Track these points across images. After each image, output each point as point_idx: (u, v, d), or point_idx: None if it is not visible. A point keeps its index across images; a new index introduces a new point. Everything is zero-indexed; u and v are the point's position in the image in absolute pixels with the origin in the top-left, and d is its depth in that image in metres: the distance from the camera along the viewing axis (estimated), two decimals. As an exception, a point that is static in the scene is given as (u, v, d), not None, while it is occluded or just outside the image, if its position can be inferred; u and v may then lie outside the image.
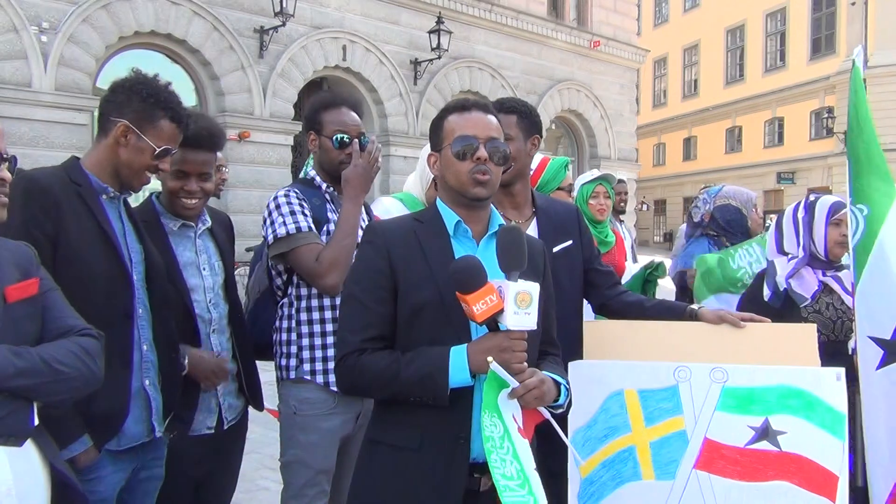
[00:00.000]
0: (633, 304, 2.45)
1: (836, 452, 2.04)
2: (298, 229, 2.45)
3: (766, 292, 2.86)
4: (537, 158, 3.84)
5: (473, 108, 1.92)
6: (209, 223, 2.52)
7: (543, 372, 1.80)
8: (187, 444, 2.33)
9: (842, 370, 2.11)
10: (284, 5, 12.14)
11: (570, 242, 2.49)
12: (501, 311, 1.65)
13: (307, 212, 2.52)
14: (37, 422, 1.58)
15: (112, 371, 2.00)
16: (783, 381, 2.09)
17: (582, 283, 2.53)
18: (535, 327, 1.69)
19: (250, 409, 2.66)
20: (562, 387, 1.86)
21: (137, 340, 2.10)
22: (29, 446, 1.59)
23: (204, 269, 2.44)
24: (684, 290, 4.01)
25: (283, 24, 12.45)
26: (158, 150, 2.07)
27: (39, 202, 1.94)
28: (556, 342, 2.07)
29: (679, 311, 2.35)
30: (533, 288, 1.67)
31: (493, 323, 1.68)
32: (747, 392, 2.10)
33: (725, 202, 3.95)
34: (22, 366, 1.51)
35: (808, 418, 2.07)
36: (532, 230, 2.47)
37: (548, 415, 1.81)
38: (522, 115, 2.51)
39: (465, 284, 1.64)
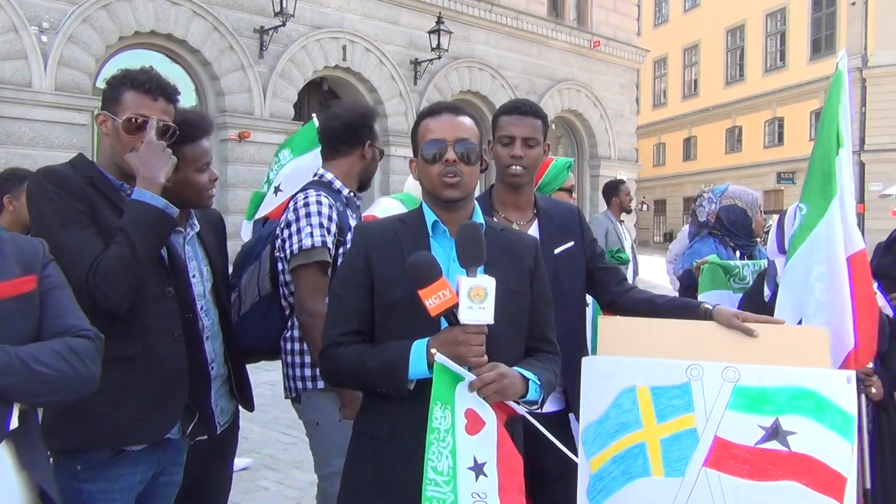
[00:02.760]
0: (643, 301, 2.44)
1: (845, 454, 2.05)
2: (324, 244, 2.48)
3: (767, 292, 2.85)
4: None
5: (444, 111, 1.99)
6: (198, 227, 2.46)
7: (515, 368, 1.84)
8: None
9: (852, 373, 2.12)
10: (284, 5, 12.12)
11: (571, 244, 2.49)
12: (458, 305, 1.70)
13: (332, 225, 2.53)
14: (15, 425, 1.51)
15: (167, 345, 2.12)
16: (794, 382, 2.10)
17: (584, 284, 2.52)
18: (491, 321, 1.73)
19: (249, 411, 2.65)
20: (531, 382, 1.87)
21: None
22: (3, 454, 1.52)
23: (194, 276, 2.36)
24: (688, 289, 3.99)
25: (283, 25, 12.43)
26: (122, 119, 2.06)
27: (68, 189, 1.98)
28: (551, 339, 2.10)
29: (692, 308, 2.34)
30: (488, 283, 1.71)
31: (453, 317, 1.72)
32: (759, 392, 2.11)
33: (732, 202, 3.88)
34: None
35: (818, 419, 2.07)
36: (533, 231, 2.48)
37: (522, 410, 1.84)
38: (545, 121, 2.55)
39: (418, 279, 1.70)
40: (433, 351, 1.71)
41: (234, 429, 2.61)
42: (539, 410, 1.93)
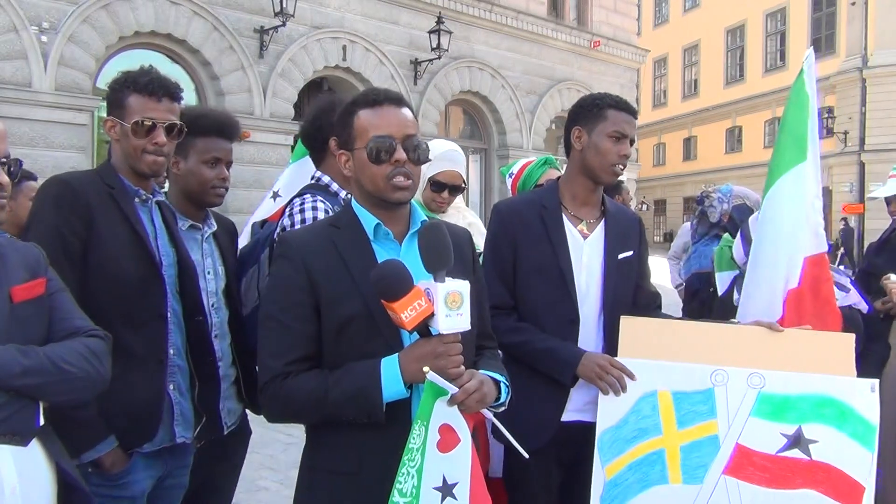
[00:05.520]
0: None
1: (865, 463, 2.01)
2: None
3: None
4: (521, 163, 3.85)
5: (385, 101, 1.77)
6: (215, 227, 2.49)
7: (481, 371, 1.72)
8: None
9: (876, 381, 2.08)
10: (284, 5, 12.10)
11: (630, 253, 2.42)
12: (432, 314, 1.55)
13: None
14: (42, 421, 1.57)
15: (147, 372, 2.04)
16: (818, 390, 2.06)
17: (632, 296, 2.45)
18: (469, 328, 1.61)
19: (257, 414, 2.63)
20: (501, 384, 1.77)
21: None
22: (34, 446, 1.58)
23: (208, 273, 2.40)
24: (695, 295, 3.98)
25: (283, 24, 12.41)
26: (130, 124, 2.07)
27: (70, 205, 1.98)
28: (492, 335, 1.98)
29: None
30: (463, 287, 1.58)
31: (423, 328, 1.58)
32: (783, 399, 2.07)
33: (741, 202, 3.98)
34: (28, 364, 1.51)
35: (840, 428, 2.04)
36: (599, 232, 2.41)
37: (490, 415, 1.74)
38: None
39: (389, 291, 1.54)
40: (425, 369, 1.54)
41: (245, 432, 2.59)
42: (502, 410, 1.81)
